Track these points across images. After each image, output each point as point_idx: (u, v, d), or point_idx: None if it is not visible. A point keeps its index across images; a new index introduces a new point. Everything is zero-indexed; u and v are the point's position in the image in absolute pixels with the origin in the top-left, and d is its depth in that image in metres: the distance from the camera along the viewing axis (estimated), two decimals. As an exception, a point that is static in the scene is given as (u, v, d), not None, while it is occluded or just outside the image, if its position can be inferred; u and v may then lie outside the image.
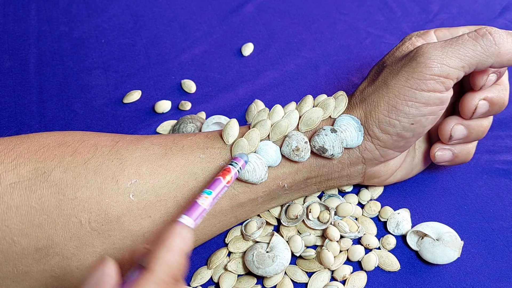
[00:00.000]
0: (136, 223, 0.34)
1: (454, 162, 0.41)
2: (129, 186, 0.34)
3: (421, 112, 0.36)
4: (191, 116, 0.48)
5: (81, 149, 0.34)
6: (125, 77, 0.54)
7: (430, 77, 0.35)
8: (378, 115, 0.36)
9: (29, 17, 0.61)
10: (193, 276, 0.39)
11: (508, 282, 0.38)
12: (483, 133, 0.40)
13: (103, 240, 0.33)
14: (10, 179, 0.32)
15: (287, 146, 0.37)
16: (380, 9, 0.61)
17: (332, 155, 0.37)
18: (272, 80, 0.54)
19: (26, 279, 0.33)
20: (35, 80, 0.54)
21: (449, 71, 0.34)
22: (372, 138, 0.37)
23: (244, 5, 0.62)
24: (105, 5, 0.62)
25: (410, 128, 0.36)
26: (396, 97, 0.36)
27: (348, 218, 0.41)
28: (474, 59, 0.35)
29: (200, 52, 0.56)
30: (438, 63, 0.34)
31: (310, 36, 0.58)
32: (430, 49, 0.35)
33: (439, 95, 0.35)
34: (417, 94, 0.35)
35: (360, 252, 0.39)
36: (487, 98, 0.38)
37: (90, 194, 0.33)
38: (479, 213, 0.42)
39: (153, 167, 0.35)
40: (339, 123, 0.37)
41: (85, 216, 0.32)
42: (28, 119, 0.50)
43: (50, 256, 0.32)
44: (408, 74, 0.35)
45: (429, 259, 0.38)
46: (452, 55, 0.35)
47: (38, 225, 0.32)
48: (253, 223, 0.40)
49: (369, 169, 0.39)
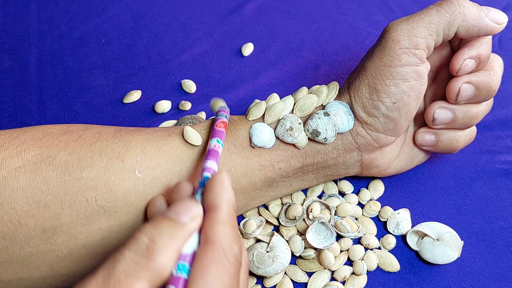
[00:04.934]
0: (141, 199, 0.34)
1: (438, 148, 0.41)
2: (135, 163, 0.34)
3: (401, 89, 0.36)
4: (191, 116, 0.48)
5: (85, 135, 0.35)
6: (125, 77, 0.54)
7: (401, 51, 0.35)
8: (361, 99, 0.37)
9: (29, 17, 0.61)
10: (193, 276, 0.39)
11: (508, 282, 0.38)
12: (471, 120, 0.39)
13: (109, 217, 0.33)
14: (15, 163, 0.32)
15: (281, 127, 0.37)
16: (380, 9, 0.61)
17: (325, 138, 0.37)
18: (272, 80, 0.54)
19: (33, 260, 0.33)
20: (35, 80, 0.54)
21: (418, 41, 0.35)
22: (362, 123, 0.38)
23: (244, 5, 0.62)
24: (105, 5, 0.62)
25: (394, 107, 0.36)
26: (374, 78, 0.36)
27: (348, 218, 0.41)
28: (440, 24, 0.35)
29: (200, 52, 0.56)
30: (405, 35, 0.35)
31: (310, 36, 0.58)
32: (396, 25, 0.36)
33: (414, 68, 0.36)
34: (392, 70, 0.36)
35: (360, 252, 0.39)
36: (472, 81, 0.38)
37: (96, 173, 0.33)
38: (479, 213, 0.42)
39: (158, 146, 0.35)
40: (329, 108, 0.38)
41: (91, 194, 0.33)
42: (28, 119, 0.50)
43: (57, 236, 0.32)
44: (380, 54, 0.36)
45: (429, 259, 0.39)
46: (417, 25, 0.35)
47: (44, 206, 0.32)
48: (252, 221, 0.40)
49: (366, 156, 0.39)
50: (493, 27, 0.36)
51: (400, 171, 0.42)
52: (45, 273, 0.33)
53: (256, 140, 0.37)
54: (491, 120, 0.49)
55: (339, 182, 0.44)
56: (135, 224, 0.34)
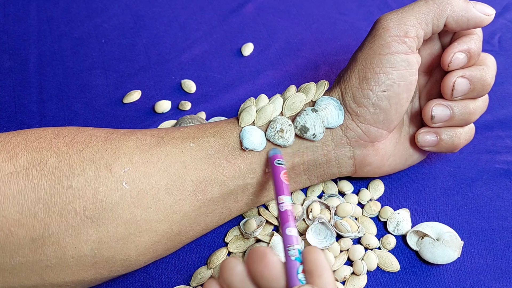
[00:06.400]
0: (129, 211, 0.34)
1: (440, 148, 0.41)
2: (122, 174, 0.34)
3: (390, 78, 0.36)
4: (191, 116, 0.48)
5: (76, 139, 0.35)
6: (125, 77, 0.54)
7: (390, 39, 0.36)
8: (351, 89, 0.37)
9: (29, 17, 0.61)
10: (193, 276, 0.39)
11: (508, 282, 0.38)
12: (469, 116, 0.39)
13: (97, 229, 0.33)
14: (7, 169, 0.32)
15: (272, 129, 0.37)
16: (380, 9, 0.61)
17: (313, 135, 0.37)
18: (272, 80, 0.54)
19: (23, 269, 0.33)
20: (35, 80, 0.54)
21: (407, 29, 0.36)
22: (352, 115, 0.38)
23: (244, 5, 0.62)
24: (105, 5, 0.62)
25: (384, 96, 0.37)
26: (364, 68, 0.37)
27: (348, 218, 0.41)
28: (429, 14, 0.36)
29: (200, 52, 0.56)
30: (395, 24, 0.36)
31: (310, 36, 0.58)
32: (386, 15, 0.37)
33: (404, 57, 0.36)
34: (382, 58, 0.36)
35: (360, 252, 0.39)
36: (466, 76, 0.38)
37: (85, 183, 0.33)
38: (479, 213, 0.42)
39: (146, 156, 0.35)
40: (319, 103, 0.38)
41: (79, 204, 0.33)
42: (28, 119, 0.50)
43: (46, 246, 0.32)
44: (370, 43, 0.37)
45: (429, 259, 0.38)
46: (407, 15, 0.36)
47: (34, 215, 0.32)
48: (252, 221, 0.40)
49: (358, 152, 0.39)
50: (481, 18, 0.36)
51: (394, 170, 0.42)
52: (35, 282, 0.33)
53: (247, 143, 0.37)
54: (491, 120, 0.49)
55: (339, 182, 0.44)
56: (126, 237, 0.34)
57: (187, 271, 0.40)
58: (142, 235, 0.35)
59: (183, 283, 0.39)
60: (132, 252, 0.35)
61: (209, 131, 0.38)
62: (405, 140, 0.42)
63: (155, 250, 0.36)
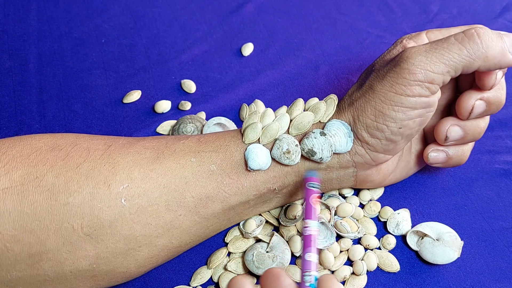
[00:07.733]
0: (128, 227, 0.34)
1: (448, 164, 0.41)
2: (121, 190, 0.33)
3: (408, 116, 0.35)
4: (190, 116, 0.48)
5: (73, 153, 0.34)
6: (125, 77, 0.54)
7: (414, 83, 0.34)
8: (365, 120, 0.36)
9: (29, 17, 0.61)
10: (193, 276, 0.39)
11: (508, 282, 0.38)
12: (479, 134, 0.39)
13: (95, 245, 0.33)
14: (3, 184, 0.31)
15: (278, 149, 0.37)
16: (380, 9, 0.61)
17: (320, 158, 0.37)
18: (272, 80, 0.54)
19: (20, 283, 0.33)
20: (35, 80, 0.54)
21: (434, 76, 0.34)
22: (362, 142, 0.37)
23: (244, 5, 0.62)
24: (105, 5, 0.62)
25: (399, 132, 0.36)
26: (383, 102, 0.35)
27: (348, 218, 0.41)
28: (460, 63, 0.34)
29: (200, 52, 0.56)
30: (422, 69, 0.34)
31: (310, 36, 0.58)
32: (414, 54, 0.34)
33: (425, 100, 0.35)
34: (403, 99, 0.35)
35: (360, 252, 0.39)
36: (484, 98, 0.37)
37: (82, 199, 0.32)
38: (479, 213, 0.42)
39: (145, 171, 0.35)
40: (329, 127, 0.37)
41: (77, 221, 0.32)
42: (28, 119, 0.50)
43: (43, 262, 0.32)
44: (392, 80, 0.35)
45: (429, 259, 0.38)
46: (436, 60, 0.34)
47: (30, 231, 0.31)
48: (252, 221, 0.40)
49: (361, 172, 0.39)
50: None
51: (395, 182, 0.42)
52: None
53: (252, 164, 0.36)
54: (491, 120, 0.49)
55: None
56: (125, 252, 0.34)
57: (187, 271, 0.40)
58: (142, 249, 0.35)
59: (183, 283, 0.39)
60: (132, 265, 0.35)
61: (211, 145, 0.37)
62: (407, 155, 0.42)
63: (155, 262, 0.36)
